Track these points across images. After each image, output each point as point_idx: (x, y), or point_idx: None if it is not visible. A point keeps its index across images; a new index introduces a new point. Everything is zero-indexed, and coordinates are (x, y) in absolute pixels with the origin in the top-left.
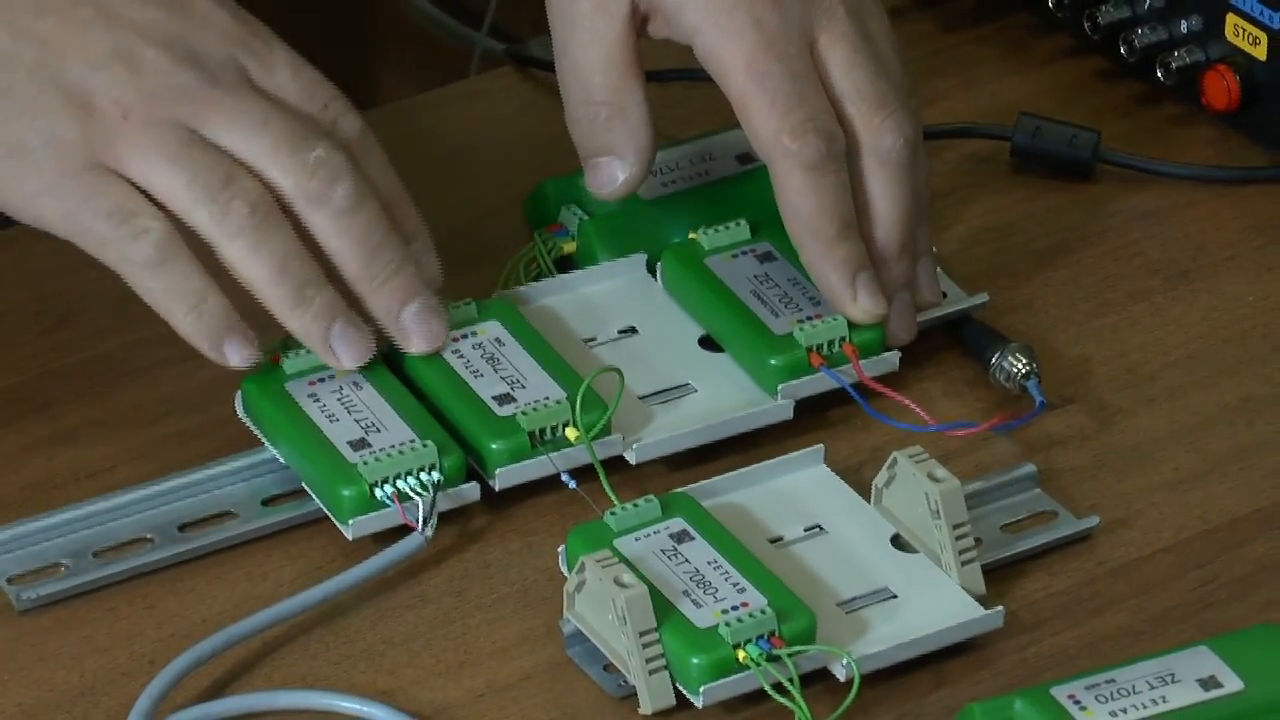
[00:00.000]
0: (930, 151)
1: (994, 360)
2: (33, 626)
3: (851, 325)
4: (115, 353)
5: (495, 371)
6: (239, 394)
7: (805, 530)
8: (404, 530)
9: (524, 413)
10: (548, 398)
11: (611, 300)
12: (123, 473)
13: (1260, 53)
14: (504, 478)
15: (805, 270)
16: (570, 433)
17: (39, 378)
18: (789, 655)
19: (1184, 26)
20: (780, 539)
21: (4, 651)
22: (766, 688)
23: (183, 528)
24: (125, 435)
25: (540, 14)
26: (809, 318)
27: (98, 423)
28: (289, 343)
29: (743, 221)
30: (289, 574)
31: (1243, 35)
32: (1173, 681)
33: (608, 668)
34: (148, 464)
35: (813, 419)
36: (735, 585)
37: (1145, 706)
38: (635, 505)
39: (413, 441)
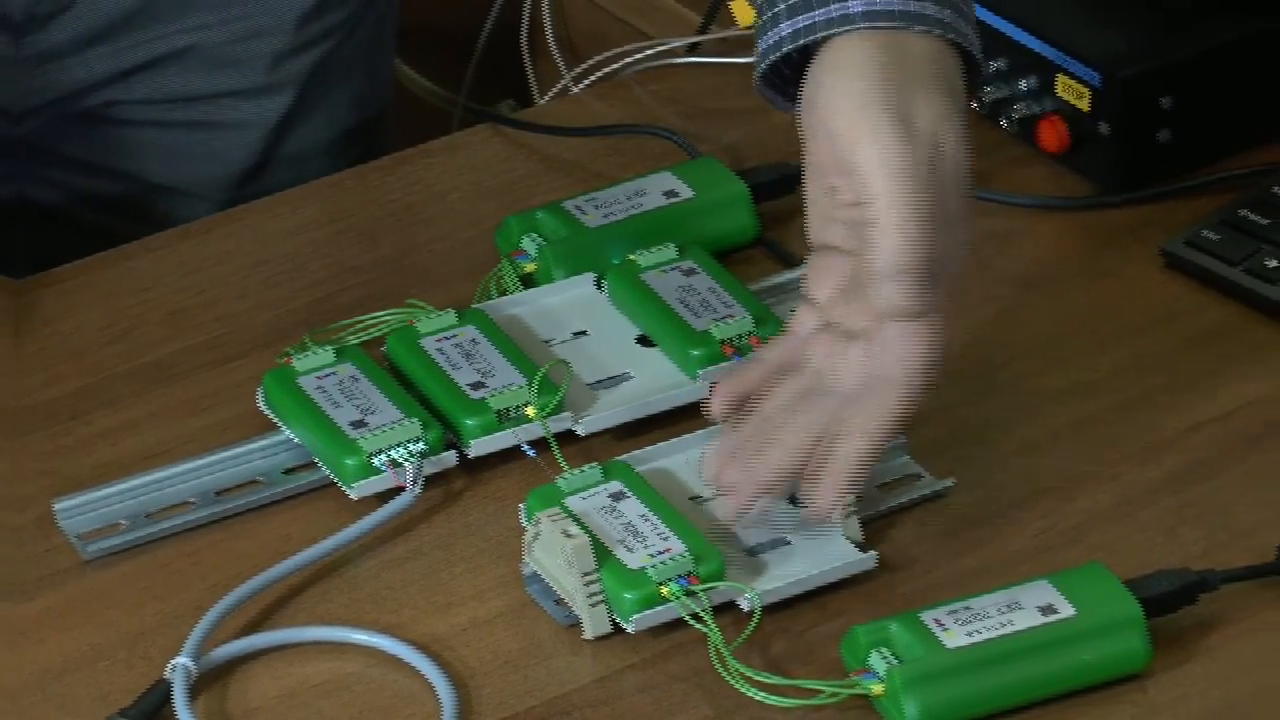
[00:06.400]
0: None
1: None
2: (100, 580)
3: (756, 322)
4: (166, 359)
5: (470, 364)
6: (260, 389)
7: (719, 490)
8: (397, 491)
9: (493, 396)
10: (512, 384)
11: (565, 309)
12: (174, 455)
13: (1084, 105)
14: (477, 448)
15: (719, 280)
16: (530, 411)
17: (106, 379)
18: (703, 591)
19: (1023, 85)
20: (699, 497)
21: (77, 601)
22: (685, 617)
23: (219, 493)
24: (175, 424)
25: (507, 80)
26: (723, 318)
27: (154, 415)
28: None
29: (670, 244)
30: (307, 530)
31: (1070, 91)
32: (1018, 608)
33: (559, 601)
34: (194, 447)
35: None
36: (660, 535)
37: (995, 628)
38: (581, 471)
39: (401, 420)
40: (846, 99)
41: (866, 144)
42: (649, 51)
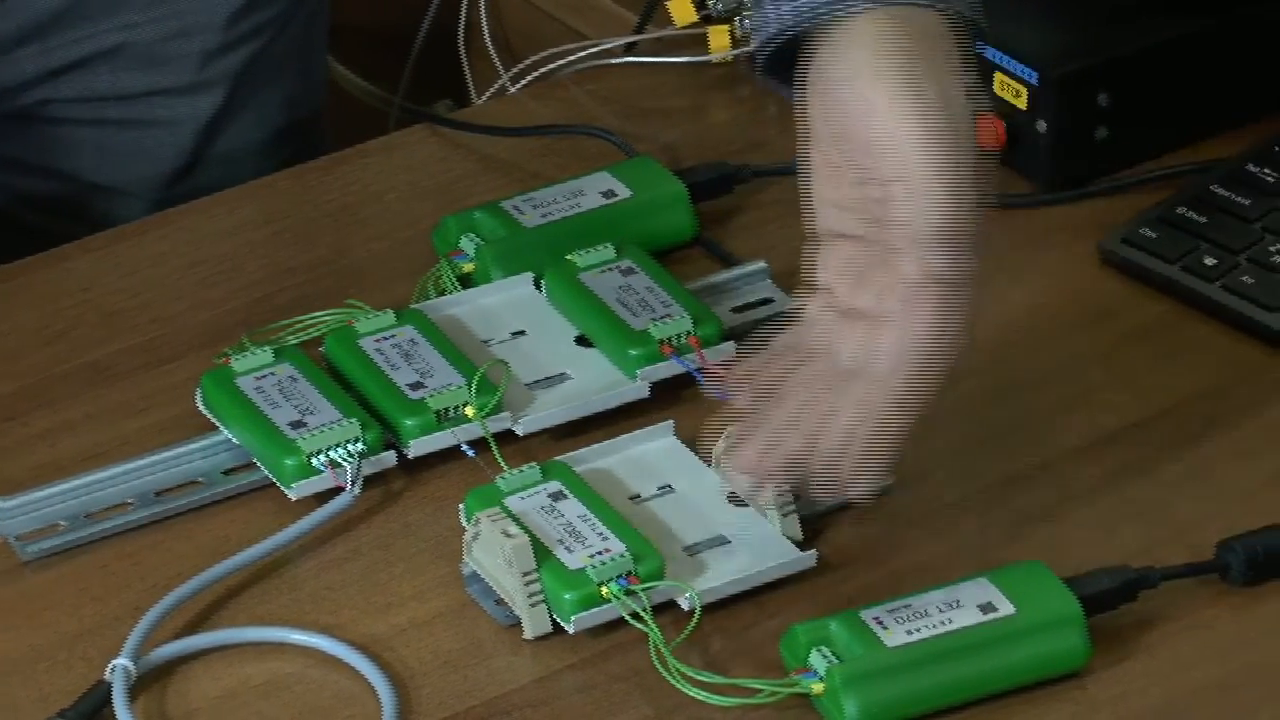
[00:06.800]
0: (759, 188)
1: None
2: (39, 581)
3: (695, 321)
4: (104, 360)
5: (409, 365)
6: (198, 389)
7: (658, 489)
8: (336, 491)
9: (432, 396)
10: (451, 384)
11: (504, 309)
12: (112, 456)
13: (1022, 103)
14: (416, 448)
15: (657, 280)
16: (469, 411)
17: (43, 381)
18: (643, 590)
19: None
20: (637, 496)
21: (16, 602)
22: (625, 616)
23: (158, 494)
24: (113, 426)
25: (444, 80)
26: (661, 317)
27: (91, 416)
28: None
29: (608, 244)
30: (246, 531)
31: (1007, 89)
32: (958, 606)
33: (499, 601)
34: (132, 448)
35: (666, 398)
36: (600, 535)
37: (935, 626)
38: (520, 471)
39: (340, 420)
40: (866, 75)
41: (893, 118)
42: (586, 51)
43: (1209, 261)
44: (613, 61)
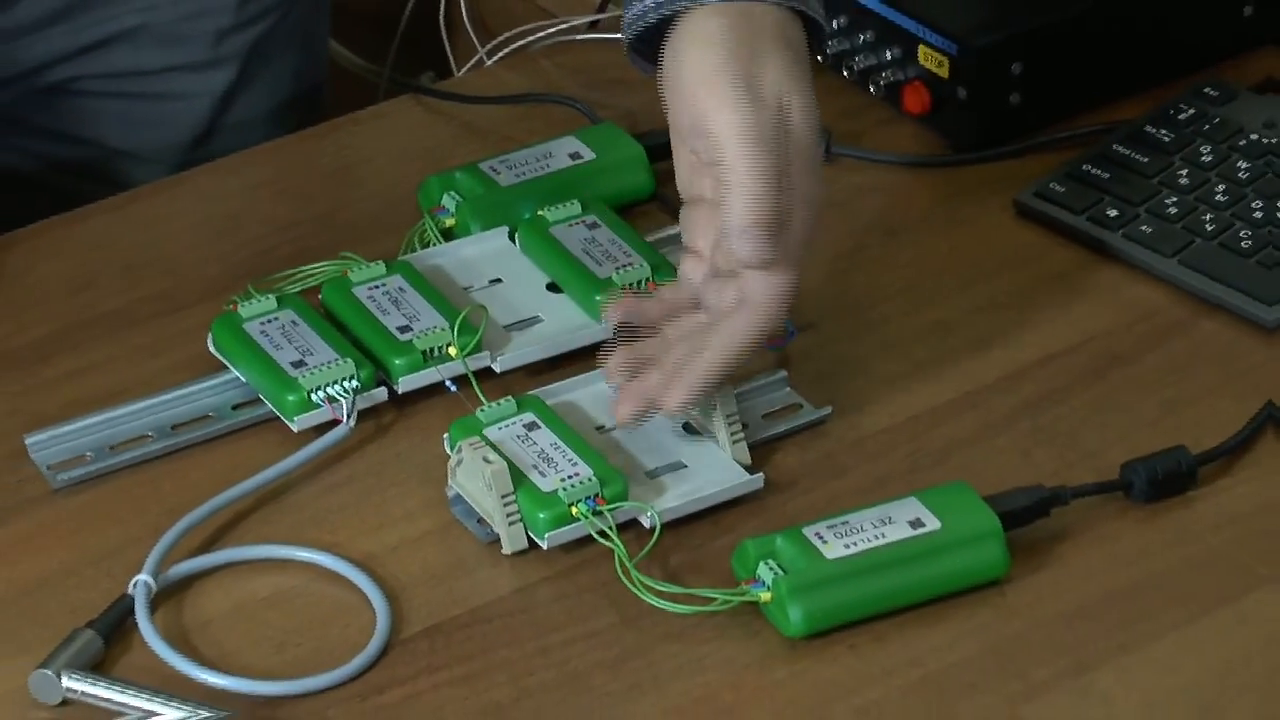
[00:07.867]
0: None
1: None
2: (68, 505)
3: (654, 269)
4: (124, 308)
5: (398, 310)
6: (209, 333)
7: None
8: (334, 424)
9: (418, 337)
10: (436, 326)
11: (482, 259)
12: (133, 393)
13: (944, 72)
14: (405, 384)
15: (619, 233)
16: (452, 351)
17: (69, 327)
18: (609, 510)
19: (888, 54)
20: (603, 427)
21: (48, 525)
22: (593, 534)
23: (174, 427)
24: (133, 367)
25: (428, 55)
26: (623, 266)
27: (113, 358)
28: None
29: (575, 201)
30: (253, 460)
31: (930, 60)
32: (889, 523)
33: (480, 521)
34: (150, 386)
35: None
36: (570, 461)
37: (870, 540)
38: (498, 404)
39: (337, 360)
40: (701, 68)
41: (718, 111)
42: (554, 28)
43: (1112, 213)
44: (578, 38)
